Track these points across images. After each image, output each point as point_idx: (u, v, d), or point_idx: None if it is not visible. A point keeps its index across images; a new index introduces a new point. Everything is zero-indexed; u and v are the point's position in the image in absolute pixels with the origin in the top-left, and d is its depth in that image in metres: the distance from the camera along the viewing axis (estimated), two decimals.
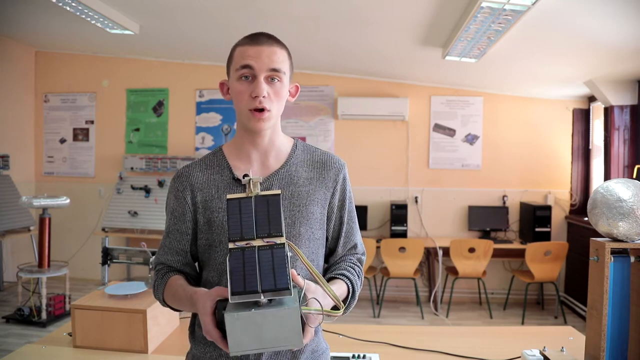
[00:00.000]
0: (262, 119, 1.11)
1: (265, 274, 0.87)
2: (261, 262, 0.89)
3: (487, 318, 4.74)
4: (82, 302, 1.83)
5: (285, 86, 1.15)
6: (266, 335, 0.86)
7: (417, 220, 5.31)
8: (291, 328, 0.86)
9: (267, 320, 0.86)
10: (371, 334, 1.94)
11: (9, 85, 5.46)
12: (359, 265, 1.24)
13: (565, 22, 3.09)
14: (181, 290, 1.10)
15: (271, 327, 0.86)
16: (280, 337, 0.87)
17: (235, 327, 0.86)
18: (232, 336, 0.86)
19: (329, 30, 3.98)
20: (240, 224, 0.93)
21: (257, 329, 0.86)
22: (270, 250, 0.90)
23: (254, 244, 0.91)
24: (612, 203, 1.42)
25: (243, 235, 0.92)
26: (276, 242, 0.91)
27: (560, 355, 1.54)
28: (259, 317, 0.86)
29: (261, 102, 1.10)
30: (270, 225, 0.93)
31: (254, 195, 0.95)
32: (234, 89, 1.13)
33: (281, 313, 0.86)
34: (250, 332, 0.86)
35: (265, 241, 0.91)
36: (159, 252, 1.21)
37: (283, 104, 1.17)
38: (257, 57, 1.10)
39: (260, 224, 0.93)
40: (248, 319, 0.86)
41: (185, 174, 1.19)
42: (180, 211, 1.18)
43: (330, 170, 1.21)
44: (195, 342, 1.19)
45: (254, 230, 0.92)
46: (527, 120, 5.27)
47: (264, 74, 1.10)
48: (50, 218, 4.26)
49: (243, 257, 0.89)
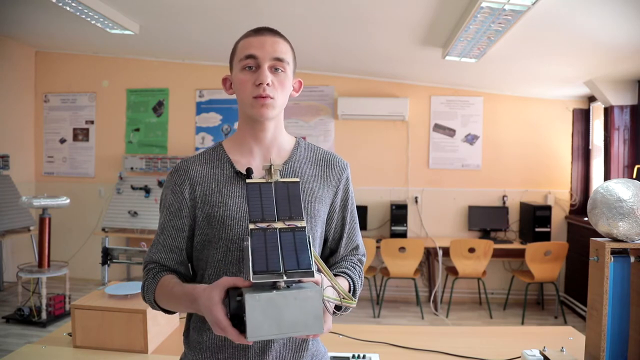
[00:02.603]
0: (266, 104, 1.09)
1: (288, 255, 0.86)
2: (283, 243, 0.88)
3: (487, 318, 4.74)
4: (82, 302, 1.82)
5: (289, 78, 1.13)
6: (286, 320, 0.84)
7: (417, 220, 5.31)
8: (312, 312, 0.85)
9: (289, 303, 0.84)
10: (371, 334, 1.94)
11: (9, 85, 5.46)
12: (359, 266, 1.23)
13: (565, 22, 3.09)
14: (178, 288, 1.05)
15: (292, 310, 0.84)
16: (300, 321, 0.84)
17: (255, 310, 0.83)
18: (252, 320, 0.83)
19: (329, 30, 3.98)
20: (262, 206, 0.91)
21: (278, 312, 0.83)
22: (292, 233, 0.89)
23: (275, 226, 0.90)
24: (612, 203, 1.42)
25: (264, 217, 0.90)
26: (297, 225, 0.91)
27: (560, 355, 1.54)
28: (281, 299, 0.83)
29: (265, 90, 1.08)
30: (291, 209, 0.92)
31: (274, 181, 0.95)
32: (238, 79, 1.12)
33: (303, 295, 0.84)
34: (270, 316, 0.83)
35: (287, 224, 0.91)
36: (151, 250, 1.16)
37: (287, 96, 1.15)
38: (261, 47, 1.10)
39: (282, 207, 0.92)
40: (270, 300, 0.83)
41: (184, 168, 1.15)
42: (176, 206, 1.13)
43: (333, 170, 1.20)
44: (190, 347, 1.15)
45: (275, 212, 0.91)
46: (527, 120, 5.27)
47: (268, 63, 1.09)
48: (50, 218, 4.26)
49: (265, 237, 0.88)
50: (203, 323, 1.11)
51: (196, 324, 1.14)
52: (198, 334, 1.13)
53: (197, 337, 1.13)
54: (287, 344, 1.11)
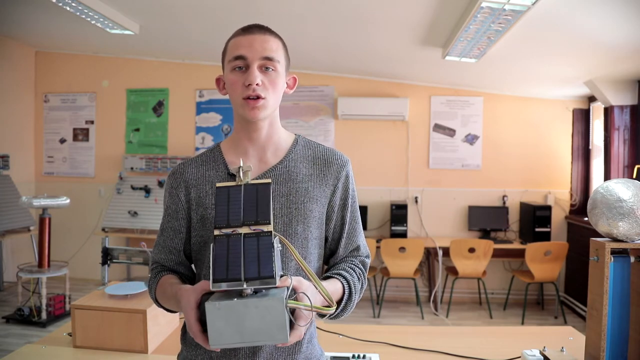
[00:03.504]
0: (257, 106, 1.08)
1: (250, 262, 0.84)
2: (246, 250, 0.85)
3: (487, 318, 4.74)
4: (82, 302, 1.83)
5: (280, 76, 1.12)
6: (248, 328, 0.82)
7: (417, 220, 5.31)
8: (275, 321, 0.82)
9: (250, 311, 0.82)
10: (371, 334, 1.94)
11: (9, 85, 5.46)
12: (360, 268, 1.17)
13: (565, 22, 3.09)
14: (169, 289, 1.07)
15: (254, 318, 0.82)
16: (263, 330, 0.82)
17: (216, 318, 0.82)
18: (212, 327, 0.82)
19: (329, 30, 3.98)
20: (228, 211, 0.90)
21: (239, 320, 0.82)
22: (256, 238, 0.87)
23: (240, 232, 0.88)
24: (612, 203, 1.42)
25: (229, 222, 0.89)
26: (263, 229, 0.88)
27: (560, 355, 1.54)
28: (242, 307, 0.81)
29: (255, 90, 1.07)
30: (258, 212, 0.90)
31: (243, 183, 0.93)
32: (228, 80, 1.11)
33: (265, 303, 0.82)
34: (231, 324, 0.82)
35: (252, 229, 0.88)
36: (154, 250, 1.19)
37: (279, 95, 1.14)
38: (250, 46, 1.08)
39: (248, 211, 0.90)
40: (230, 308, 0.82)
41: (180, 171, 1.17)
42: (173, 208, 1.16)
43: (331, 167, 1.16)
44: (186, 344, 1.16)
45: (241, 217, 0.90)
46: (527, 120, 5.27)
47: (257, 63, 1.08)
48: (50, 218, 4.26)
49: (228, 244, 0.86)
50: None
51: None
52: None
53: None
54: (279, 346, 1.08)
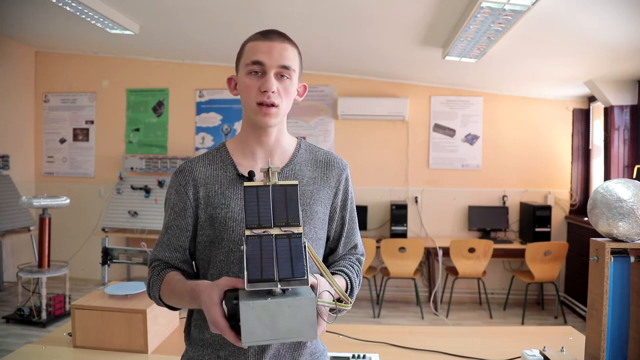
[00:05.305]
0: (270, 114, 1.10)
1: (283, 263, 0.86)
2: (279, 251, 0.88)
3: (487, 318, 4.74)
4: (82, 302, 1.83)
5: (294, 84, 1.14)
6: (280, 326, 0.84)
7: (417, 220, 5.31)
8: (306, 319, 0.85)
9: (283, 310, 0.84)
10: (371, 334, 1.94)
11: (9, 85, 5.46)
12: (358, 265, 1.23)
13: (565, 22, 3.09)
14: (180, 285, 1.07)
15: (286, 317, 0.84)
16: (294, 328, 0.85)
17: (250, 316, 0.84)
18: (246, 326, 0.84)
19: (329, 30, 3.98)
20: (258, 212, 0.91)
21: (272, 318, 0.84)
22: (288, 239, 0.89)
23: (272, 232, 0.90)
24: (612, 203, 1.42)
25: (261, 223, 0.90)
26: (294, 231, 0.90)
27: (560, 355, 1.54)
28: (275, 306, 0.84)
29: (270, 97, 1.09)
30: (288, 214, 0.91)
31: (271, 184, 0.94)
32: (243, 83, 1.12)
33: (297, 303, 0.85)
34: (264, 322, 0.84)
35: (283, 230, 0.90)
36: (156, 248, 1.18)
37: (291, 102, 1.16)
38: (269, 53, 1.09)
39: (279, 212, 0.91)
40: (263, 307, 0.84)
41: (188, 169, 1.16)
42: (181, 206, 1.15)
43: (333, 170, 1.21)
44: (191, 344, 1.16)
45: (271, 218, 0.91)
46: (527, 120, 5.27)
47: (274, 70, 1.09)
48: (50, 218, 4.26)
49: (260, 245, 0.88)
50: (204, 320, 1.12)
51: (197, 322, 1.16)
52: (199, 332, 1.15)
53: (199, 335, 1.15)
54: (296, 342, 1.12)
